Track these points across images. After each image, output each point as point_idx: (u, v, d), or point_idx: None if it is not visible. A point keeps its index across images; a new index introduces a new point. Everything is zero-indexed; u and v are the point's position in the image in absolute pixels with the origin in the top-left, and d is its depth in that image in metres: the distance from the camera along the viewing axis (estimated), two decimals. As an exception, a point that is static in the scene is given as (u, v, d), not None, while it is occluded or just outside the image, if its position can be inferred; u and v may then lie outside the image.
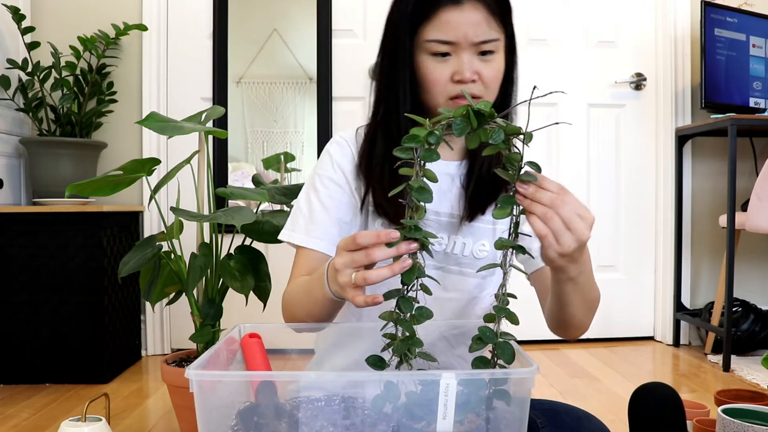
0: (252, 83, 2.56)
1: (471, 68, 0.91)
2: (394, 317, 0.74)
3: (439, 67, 0.92)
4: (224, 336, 0.87)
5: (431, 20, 0.90)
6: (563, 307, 0.88)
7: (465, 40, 0.90)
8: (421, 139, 0.69)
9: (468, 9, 0.89)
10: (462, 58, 0.91)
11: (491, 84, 0.93)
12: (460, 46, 0.90)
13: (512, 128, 0.68)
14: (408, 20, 0.92)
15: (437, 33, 0.90)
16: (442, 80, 0.92)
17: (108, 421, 1.26)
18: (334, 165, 1.02)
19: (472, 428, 0.69)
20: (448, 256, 1.00)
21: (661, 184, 2.68)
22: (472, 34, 0.89)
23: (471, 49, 0.91)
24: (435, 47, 0.91)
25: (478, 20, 0.89)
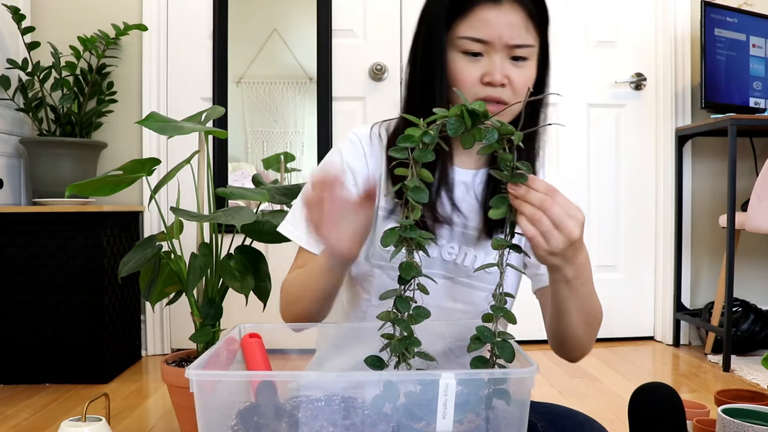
0: (252, 83, 2.56)
1: (502, 71, 0.87)
2: (391, 317, 0.74)
3: (470, 66, 0.88)
4: (224, 336, 0.87)
5: (467, 17, 0.87)
6: (561, 317, 0.87)
7: (499, 40, 0.86)
8: (416, 139, 0.69)
9: (506, 9, 0.86)
10: (494, 59, 0.87)
11: (521, 91, 0.89)
12: (493, 47, 0.87)
13: (506, 128, 0.68)
14: (442, 13, 0.88)
15: (472, 30, 0.87)
16: (470, 80, 0.88)
17: (108, 421, 1.26)
18: (344, 164, 0.99)
19: (471, 428, 0.69)
20: (458, 267, 0.98)
21: (661, 184, 2.68)
22: (507, 36, 0.86)
23: (504, 52, 0.88)
24: (468, 45, 0.88)
25: (515, 22, 0.87)
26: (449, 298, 0.96)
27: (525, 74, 0.90)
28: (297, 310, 0.94)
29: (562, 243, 0.72)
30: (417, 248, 0.73)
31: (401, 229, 0.71)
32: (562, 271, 0.78)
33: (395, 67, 2.57)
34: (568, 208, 0.72)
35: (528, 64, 0.90)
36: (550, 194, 0.71)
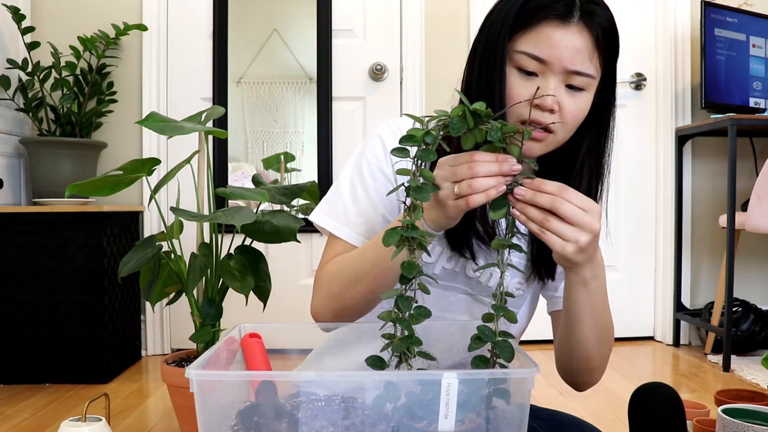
0: (252, 83, 2.56)
1: (555, 97, 0.81)
2: (392, 317, 0.74)
3: (522, 83, 0.82)
4: (224, 336, 0.87)
5: (530, 31, 0.81)
6: (574, 329, 0.85)
7: (559, 63, 0.80)
8: (418, 138, 0.69)
9: (573, 31, 0.80)
10: (549, 81, 0.81)
11: (570, 122, 0.83)
12: (550, 68, 0.81)
13: (509, 128, 0.68)
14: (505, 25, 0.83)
15: (532, 47, 0.81)
16: (520, 99, 0.82)
17: (108, 421, 1.26)
18: (387, 155, 0.93)
19: (472, 428, 0.69)
20: (482, 286, 0.96)
21: (661, 184, 2.68)
22: (569, 60, 0.80)
23: (561, 76, 0.81)
24: (524, 61, 0.82)
25: (580, 47, 0.80)
26: (468, 314, 0.95)
27: (579, 105, 0.83)
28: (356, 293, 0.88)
29: (585, 238, 0.71)
30: (418, 248, 0.73)
31: (403, 228, 0.71)
32: (581, 271, 0.78)
33: (395, 67, 2.57)
34: (582, 203, 0.71)
35: (584, 95, 0.84)
36: (560, 193, 0.70)
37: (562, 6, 0.80)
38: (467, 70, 0.90)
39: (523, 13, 0.82)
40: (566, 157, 0.89)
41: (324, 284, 0.91)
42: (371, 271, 0.85)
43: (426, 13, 2.57)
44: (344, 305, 0.89)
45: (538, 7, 0.81)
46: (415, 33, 2.56)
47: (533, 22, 0.81)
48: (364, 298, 0.88)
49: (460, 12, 2.58)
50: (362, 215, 0.92)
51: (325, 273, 0.91)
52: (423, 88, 2.57)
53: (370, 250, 0.86)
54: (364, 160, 0.94)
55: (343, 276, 0.88)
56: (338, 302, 0.89)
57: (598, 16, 0.81)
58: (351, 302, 0.88)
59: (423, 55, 2.57)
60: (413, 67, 2.55)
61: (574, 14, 0.80)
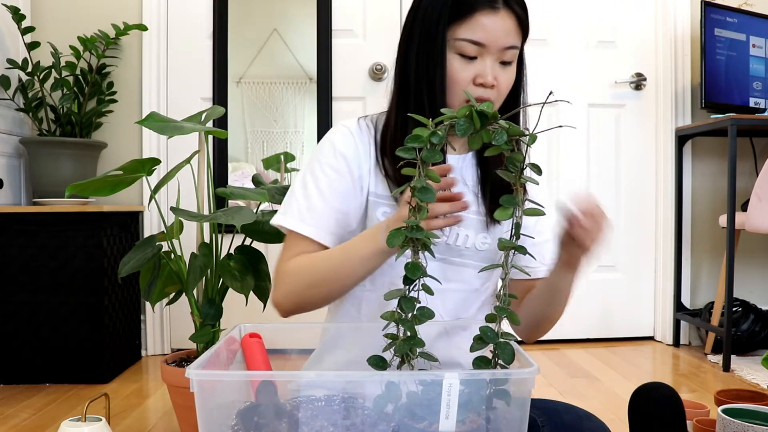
0: (252, 83, 2.56)
1: (493, 73, 0.94)
2: (395, 317, 0.74)
3: (465, 67, 0.95)
4: (224, 336, 0.87)
5: (466, 21, 0.93)
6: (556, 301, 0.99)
7: (495, 44, 0.93)
8: (424, 139, 0.69)
9: (503, 15, 0.93)
10: (486, 62, 0.94)
11: (504, 91, 0.98)
12: (487, 50, 0.94)
13: (515, 130, 0.68)
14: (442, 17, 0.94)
15: (470, 34, 0.93)
16: (464, 81, 0.95)
17: (108, 421, 1.26)
18: (336, 153, 1.01)
19: (473, 428, 0.69)
20: (450, 247, 1.02)
21: (661, 184, 2.68)
22: (503, 40, 0.93)
23: (496, 55, 0.95)
24: (465, 48, 0.93)
25: (509, 28, 0.94)
26: (444, 278, 0.97)
27: (509, 76, 0.98)
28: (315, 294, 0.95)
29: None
30: (423, 248, 0.73)
31: (407, 229, 0.71)
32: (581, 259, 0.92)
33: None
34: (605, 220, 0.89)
35: (512, 67, 0.99)
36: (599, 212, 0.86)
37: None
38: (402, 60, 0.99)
39: (458, 4, 0.93)
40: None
41: (286, 280, 0.97)
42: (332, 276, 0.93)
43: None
44: (304, 302, 0.97)
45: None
46: (415, 33, 2.56)
47: (468, 12, 0.92)
48: (323, 299, 0.97)
49: (460, 12, 2.58)
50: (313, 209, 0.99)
51: (288, 270, 0.97)
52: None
53: (335, 256, 0.93)
54: (315, 162, 1.02)
55: (306, 277, 0.95)
56: (298, 298, 0.97)
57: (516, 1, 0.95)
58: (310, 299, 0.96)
59: (423, 55, 2.56)
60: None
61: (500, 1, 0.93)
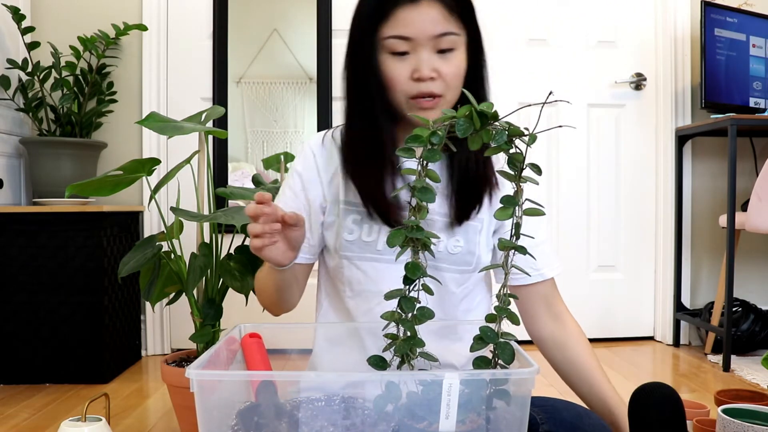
0: (252, 83, 2.56)
1: (429, 65, 0.92)
2: (395, 317, 0.74)
3: (399, 65, 0.93)
4: (224, 336, 0.87)
5: (389, 19, 0.92)
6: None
7: (422, 35, 0.91)
8: (423, 139, 0.69)
9: (424, 6, 0.91)
10: (420, 55, 0.92)
11: (452, 81, 0.94)
12: (418, 43, 0.92)
13: (516, 130, 0.68)
14: (367, 20, 0.94)
15: (394, 30, 0.92)
16: (401, 79, 0.93)
17: (108, 421, 1.26)
18: (294, 173, 1.07)
19: (473, 428, 0.69)
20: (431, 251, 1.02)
21: (661, 184, 2.68)
22: (430, 29, 0.91)
23: (429, 46, 0.92)
24: (393, 45, 0.92)
25: (434, 16, 0.91)
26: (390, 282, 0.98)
27: (454, 64, 0.94)
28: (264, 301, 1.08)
29: None
30: (422, 249, 0.73)
31: (407, 229, 0.71)
32: None
33: (395, 67, 2.57)
34: None
35: (455, 54, 0.94)
36: None
37: None
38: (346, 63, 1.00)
39: (379, 4, 0.92)
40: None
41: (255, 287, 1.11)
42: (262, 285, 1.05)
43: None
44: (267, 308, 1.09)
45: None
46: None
47: (389, 9, 0.91)
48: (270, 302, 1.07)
49: (460, 12, 2.58)
50: None
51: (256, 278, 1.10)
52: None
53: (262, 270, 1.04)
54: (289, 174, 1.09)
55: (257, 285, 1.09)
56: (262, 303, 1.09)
57: None
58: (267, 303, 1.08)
59: (423, 55, 2.56)
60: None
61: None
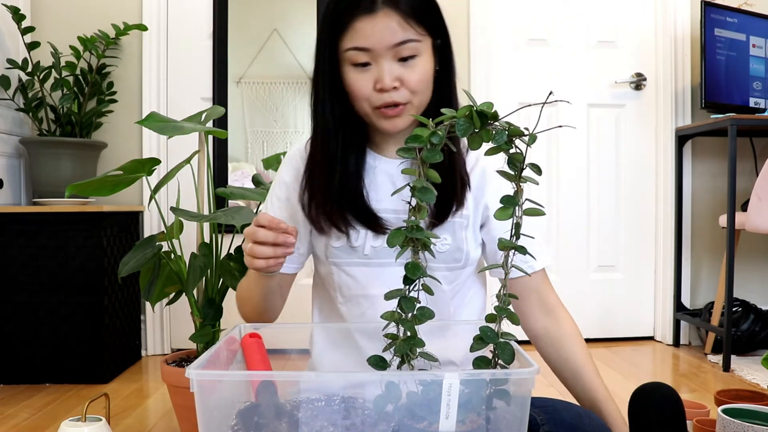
0: (252, 83, 2.56)
1: (391, 75, 0.91)
2: (395, 317, 0.74)
3: (361, 77, 0.93)
4: (224, 336, 0.87)
5: (347, 31, 0.91)
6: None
7: (381, 44, 0.90)
8: (423, 139, 0.69)
9: (381, 16, 0.89)
10: (381, 65, 0.91)
11: (416, 88, 0.93)
12: (378, 53, 0.91)
13: (516, 130, 0.68)
14: (328, 32, 0.93)
15: (352, 41, 0.91)
16: (365, 90, 0.93)
17: (108, 421, 1.26)
18: (280, 181, 1.07)
19: (473, 428, 0.69)
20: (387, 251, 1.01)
21: (661, 184, 2.68)
22: (388, 38, 0.90)
23: (390, 55, 0.91)
24: (354, 56, 0.92)
25: (391, 25, 0.90)
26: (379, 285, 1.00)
27: (417, 71, 0.92)
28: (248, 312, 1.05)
29: None
30: (422, 248, 0.73)
31: (407, 229, 0.71)
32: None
33: (395, 67, 2.57)
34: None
35: (418, 60, 0.93)
36: None
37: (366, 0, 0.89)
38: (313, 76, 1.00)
39: (338, 16, 0.91)
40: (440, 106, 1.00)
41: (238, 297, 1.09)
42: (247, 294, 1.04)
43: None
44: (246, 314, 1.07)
45: (346, 7, 0.91)
46: (415, 33, 2.56)
47: (347, 21, 0.91)
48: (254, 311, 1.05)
49: (460, 12, 2.58)
50: None
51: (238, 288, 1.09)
52: (423, 88, 2.56)
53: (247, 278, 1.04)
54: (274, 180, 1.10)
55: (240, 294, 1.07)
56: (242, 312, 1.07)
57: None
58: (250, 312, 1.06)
59: (423, 55, 2.56)
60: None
61: (377, 2, 0.89)
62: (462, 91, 0.93)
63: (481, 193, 1.03)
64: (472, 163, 1.04)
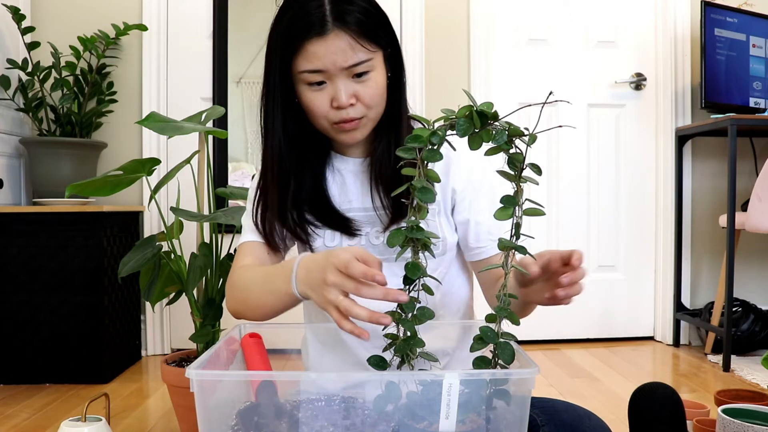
0: (252, 83, 2.56)
1: (347, 92, 0.92)
2: (395, 317, 0.74)
3: (317, 96, 0.93)
4: (224, 336, 0.87)
5: (299, 52, 0.91)
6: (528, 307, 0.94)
7: (334, 66, 0.90)
8: (423, 139, 0.69)
9: (331, 38, 0.89)
10: (336, 84, 0.92)
11: (370, 101, 0.94)
12: (331, 73, 0.91)
13: (516, 130, 0.68)
14: (280, 53, 0.93)
15: (306, 64, 0.91)
16: (322, 108, 0.93)
17: (108, 421, 1.26)
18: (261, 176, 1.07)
19: (473, 428, 0.69)
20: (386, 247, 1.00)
21: (661, 184, 2.68)
22: (341, 61, 0.90)
23: (344, 75, 0.92)
24: (308, 77, 0.92)
25: (342, 47, 0.90)
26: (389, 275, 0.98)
27: (371, 86, 0.94)
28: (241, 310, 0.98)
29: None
30: (423, 249, 0.73)
31: (407, 229, 0.71)
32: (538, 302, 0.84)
33: (395, 67, 2.57)
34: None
35: (372, 75, 0.94)
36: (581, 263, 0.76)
37: (316, 21, 0.89)
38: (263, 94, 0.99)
39: (289, 38, 0.91)
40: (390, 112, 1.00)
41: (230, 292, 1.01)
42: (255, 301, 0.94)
43: (426, 14, 2.57)
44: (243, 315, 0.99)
45: (298, 30, 0.90)
46: (414, 33, 2.56)
47: (299, 43, 0.90)
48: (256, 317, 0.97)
49: (460, 13, 2.58)
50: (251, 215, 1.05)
51: (231, 282, 1.01)
52: (423, 88, 2.56)
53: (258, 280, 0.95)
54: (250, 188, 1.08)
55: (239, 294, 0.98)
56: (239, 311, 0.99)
57: (349, 14, 0.90)
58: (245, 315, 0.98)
59: (423, 56, 2.56)
60: (413, 68, 2.55)
61: (327, 24, 0.89)
62: (462, 91, 0.93)
63: (446, 178, 1.03)
64: None
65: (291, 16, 0.91)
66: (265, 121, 1.00)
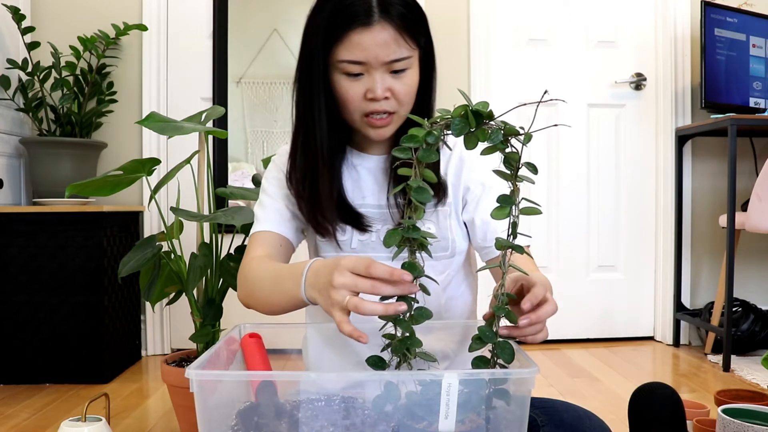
0: (252, 83, 2.56)
1: (383, 86, 0.93)
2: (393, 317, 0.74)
3: (353, 85, 0.94)
4: (224, 336, 0.87)
5: (342, 41, 0.91)
6: None
7: (375, 60, 0.91)
8: (419, 139, 0.69)
9: (377, 30, 0.90)
10: (374, 76, 0.93)
11: (404, 98, 0.96)
12: (371, 65, 0.92)
13: (511, 129, 0.68)
14: (321, 41, 0.93)
15: (348, 54, 0.91)
16: (356, 98, 0.94)
17: (108, 421, 1.26)
18: (277, 167, 1.08)
19: (472, 428, 0.69)
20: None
21: (661, 184, 2.68)
22: (383, 55, 0.91)
23: (382, 68, 0.93)
24: (347, 67, 0.93)
25: (387, 40, 0.91)
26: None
27: (406, 83, 0.95)
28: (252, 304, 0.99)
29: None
30: (419, 248, 0.73)
31: (404, 229, 0.71)
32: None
33: (395, 67, 2.57)
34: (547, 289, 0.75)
35: (408, 72, 0.95)
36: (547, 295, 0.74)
37: (362, 11, 0.90)
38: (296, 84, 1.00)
39: (332, 26, 0.91)
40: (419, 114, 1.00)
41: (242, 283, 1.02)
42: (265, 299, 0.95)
43: (426, 13, 2.57)
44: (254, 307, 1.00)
45: (342, 19, 0.90)
46: (415, 33, 2.56)
47: (342, 32, 0.91)
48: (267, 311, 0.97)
49: (460, 13, 2.58)
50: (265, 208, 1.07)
51: (243, 273, 1.01)
52: (423, 88, 2.56)
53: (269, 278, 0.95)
54: (264, 180, 1.11)
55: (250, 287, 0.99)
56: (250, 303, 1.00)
57: (394, 6, 0.91)
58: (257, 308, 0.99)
59: (423, 55, 2.56)
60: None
61: (373, 15, 0.90)
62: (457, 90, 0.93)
63: (458, 180, 1.05)
64: (447, 154, 1.07)
65: (335, 4, 0.91)
66: (303, 109, 1.00)
